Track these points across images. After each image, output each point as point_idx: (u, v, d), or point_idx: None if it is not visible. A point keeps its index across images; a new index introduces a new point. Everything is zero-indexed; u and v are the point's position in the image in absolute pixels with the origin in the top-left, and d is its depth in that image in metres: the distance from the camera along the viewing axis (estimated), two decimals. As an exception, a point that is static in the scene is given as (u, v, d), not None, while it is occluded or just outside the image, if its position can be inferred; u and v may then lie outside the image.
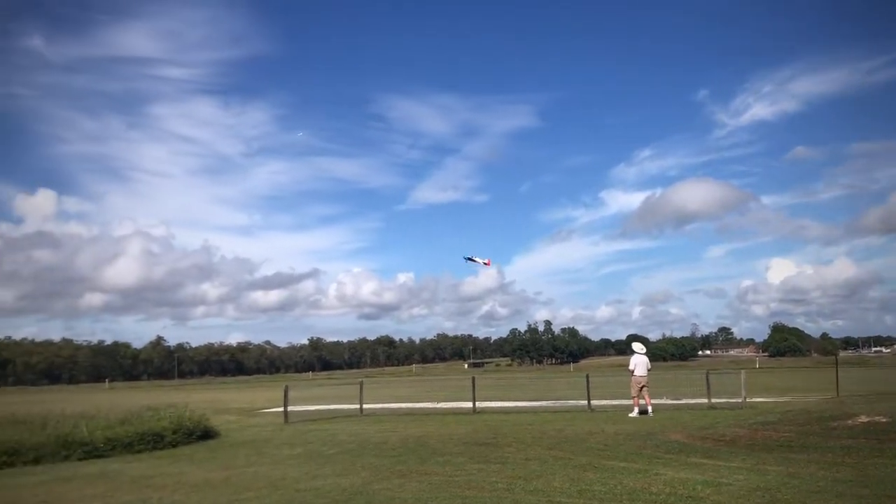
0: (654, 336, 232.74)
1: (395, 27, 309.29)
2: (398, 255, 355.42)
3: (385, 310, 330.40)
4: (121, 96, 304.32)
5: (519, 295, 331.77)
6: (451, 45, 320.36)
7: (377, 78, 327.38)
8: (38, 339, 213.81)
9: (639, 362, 23.41)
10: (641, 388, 23.00)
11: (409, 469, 13.12)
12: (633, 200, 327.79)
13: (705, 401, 25.33)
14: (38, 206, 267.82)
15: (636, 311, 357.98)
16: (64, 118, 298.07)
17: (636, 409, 22.63)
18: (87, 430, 18.73)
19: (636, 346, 24.16)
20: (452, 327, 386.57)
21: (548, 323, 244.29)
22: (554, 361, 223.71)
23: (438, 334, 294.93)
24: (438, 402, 33.13)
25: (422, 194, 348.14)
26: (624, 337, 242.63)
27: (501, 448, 15.58)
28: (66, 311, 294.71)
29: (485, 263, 56.36)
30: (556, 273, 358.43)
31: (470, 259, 52.29)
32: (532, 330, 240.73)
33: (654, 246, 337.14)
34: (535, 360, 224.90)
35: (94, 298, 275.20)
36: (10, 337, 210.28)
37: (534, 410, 26.15)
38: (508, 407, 27.91)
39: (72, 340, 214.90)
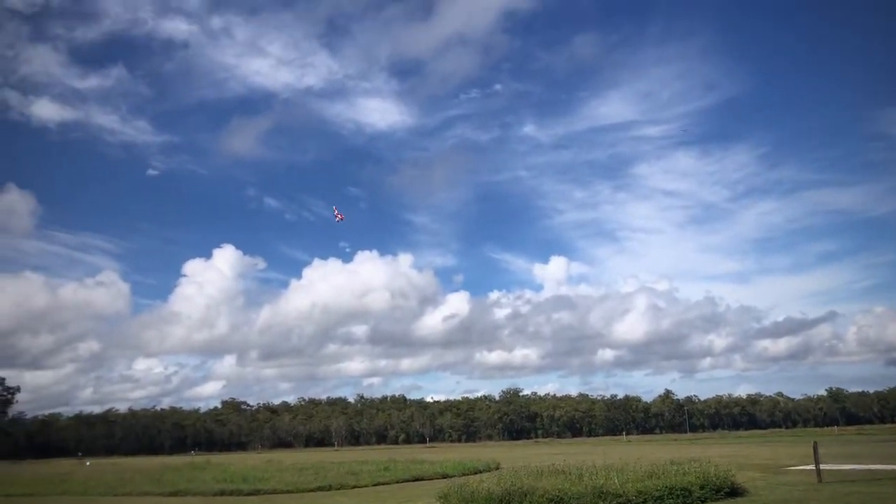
0: None
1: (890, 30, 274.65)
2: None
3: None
4: (605, 162, 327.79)
5: None
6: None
7: (874, 94, 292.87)
8: (559, 394, 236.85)
9: None
10: None
11: None
12: None
13: None
14: (552, 272, 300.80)
15: None
16: (558, 191, 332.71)
17: None
18: (619, 481, 19.66)
19: None
20: None
21: None
22: None
23: None
24: None
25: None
26: None
27: None
28: (582, 367, 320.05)
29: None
30: None
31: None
32: None
33: None
34: None
35: (605, 354, 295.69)
36: (535, 392, 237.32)
37: None
38: None
39: (587, 395, 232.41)
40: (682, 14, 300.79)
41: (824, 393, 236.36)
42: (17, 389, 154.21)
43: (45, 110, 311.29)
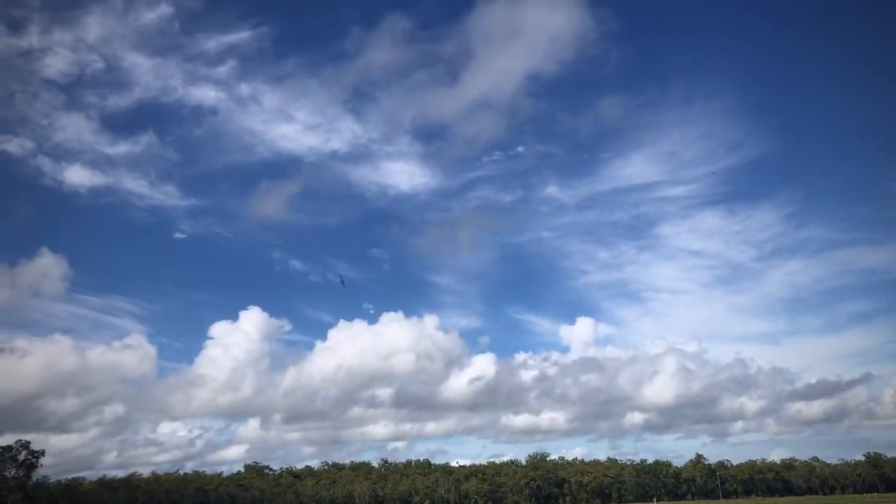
0: None
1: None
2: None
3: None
4: (629, 223, 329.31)
5: None
6: None
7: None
8: (587, 458, 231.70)
9: None
10: None
11: None
12: None
13: None
14: (579, 334, 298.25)
15: None
16: (582, 252, 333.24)
17: None
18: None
19: None
20: None
21: None
22: None
23: None
24: None
25: None
26: None
27: None
28: (610, 431, 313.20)
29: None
30: None
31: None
32: None
33: None
34: None
35: (634, 417, 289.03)
36: (563, 457, 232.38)
37: None
38: None
39: (616, 460, 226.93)
40: (705, 76, 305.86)
41: (862, 458, 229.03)
42: (42, 453, 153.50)
43: (77, 176, 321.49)
